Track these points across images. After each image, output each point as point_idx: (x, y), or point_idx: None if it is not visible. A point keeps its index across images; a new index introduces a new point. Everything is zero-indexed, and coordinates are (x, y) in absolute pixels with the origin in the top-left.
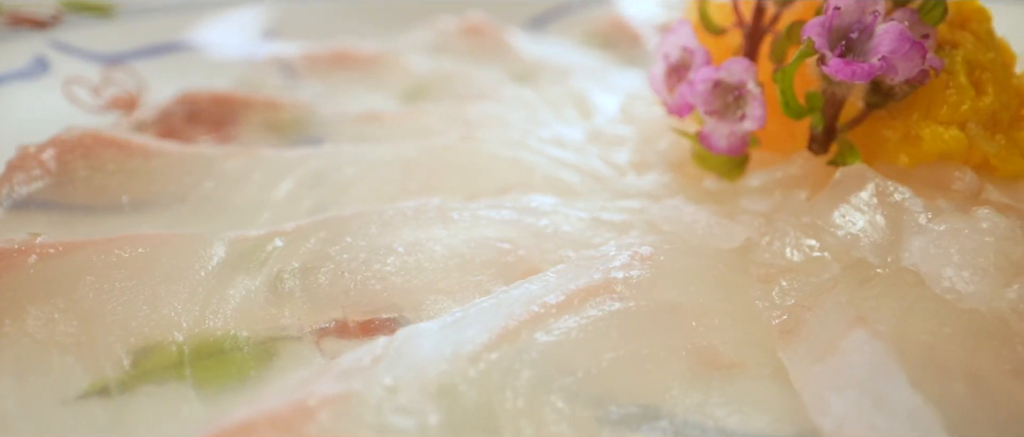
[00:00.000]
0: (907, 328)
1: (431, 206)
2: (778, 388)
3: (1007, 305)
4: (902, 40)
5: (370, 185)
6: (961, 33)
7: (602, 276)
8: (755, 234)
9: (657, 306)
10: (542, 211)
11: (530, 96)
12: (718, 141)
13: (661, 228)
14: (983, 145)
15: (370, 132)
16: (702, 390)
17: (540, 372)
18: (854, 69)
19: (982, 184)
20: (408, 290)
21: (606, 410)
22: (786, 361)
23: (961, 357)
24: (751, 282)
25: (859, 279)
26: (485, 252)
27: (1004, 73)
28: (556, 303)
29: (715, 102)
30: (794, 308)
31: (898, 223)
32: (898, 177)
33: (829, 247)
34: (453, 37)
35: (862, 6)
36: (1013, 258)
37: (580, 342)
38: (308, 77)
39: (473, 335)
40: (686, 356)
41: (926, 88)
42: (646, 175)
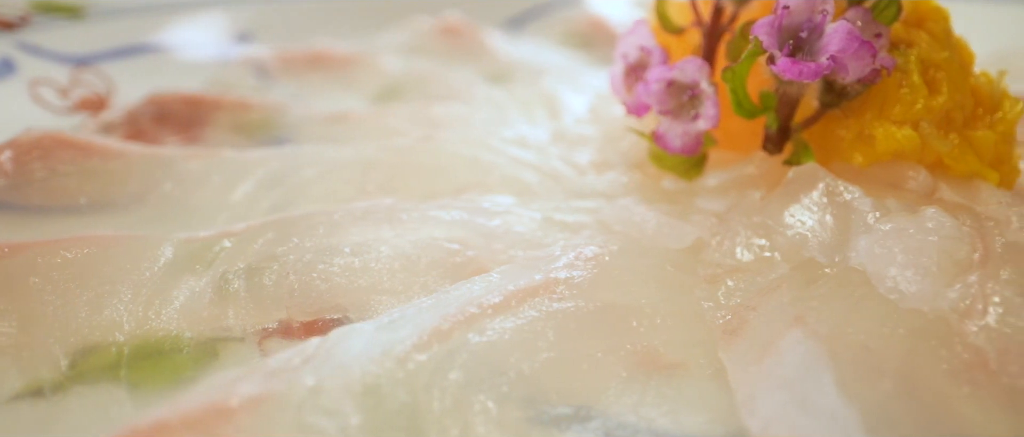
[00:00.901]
0: (846, 328)
1: (380, 207)
2: (717, 389)
3: (948, 305)
4: (851, 39)
5: (328, 186)
6: (917, 32)
7: (543, 277)
8: (706, 234)
9: (598, 307)
10: (494, 211)
11: (501, 96)
12: (673, 141)
13: (612, 228)
14: (936, 144)
15: (337, 133)
16: (639, 391)
17: (470, 373)
18: (801, 68)
19: (936, 183)
20: (353, 291)
21: (537, 411)
22: (726, 361)
23: (897, 357)
24: (697, 282)
25: (806, 279)
26: (433, 253)
27: (959, 72)
28: (492, 304)
29: (669, 102)
30: (739, 308)
31: (846, 223)
32: (853, 176)
33: (779, 247)
34: (429, 37)
35: (811, 5)
36: (957, 258)
37: (514, 343)
38: (282, 78)
39: (404, 335)
40: (625, 357)
41: (880, 87)
42: (606, 175)
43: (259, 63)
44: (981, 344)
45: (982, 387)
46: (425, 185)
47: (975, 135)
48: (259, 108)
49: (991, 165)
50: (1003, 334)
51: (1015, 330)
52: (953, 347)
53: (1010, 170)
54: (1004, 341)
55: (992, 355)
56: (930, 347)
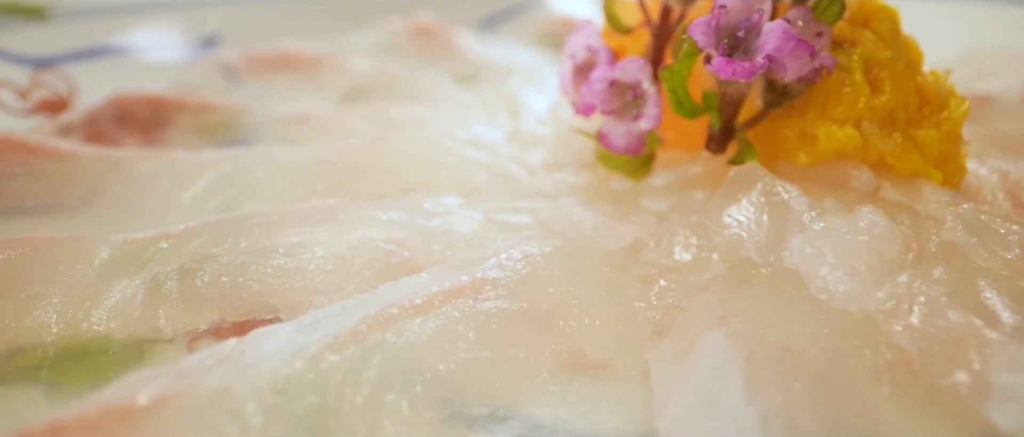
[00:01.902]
0: (769, 329)
1: (319, 208)
2: (640, 390)
3: (876, 305)
4: (787, 38)
5: (278, 187)
6: (862, 32)
7: (470, 277)
8: (645, 234)
9: (523, 307)
10: (436, 212)
11: (465, 97)
12: (616, 140)
13: (552, 229)
14: (879, 143)
15: (297, 134)
16: (560, 392)
17: (384, 373)
18: (735, 67)
19: (879, 182)
20: (286, 292)
21: (452, 411)
22: (651, 362)
23: (817, 358)
24: (631, 282)
25: (740, 279)
26: (369, 253)
27: (903, 72)
28: (413, 304)
29: (613, 101)
30: (669, 308)
31: (782, 223)
32: (798, 176)
33: (716, 247)
34: (401, 38)
35: (749, 5)
36: (887, 258)
37: (432, 343)
38: (249, 79)
39: (319, 336)
40: (549, 357)
41: (822, 86)
42: (555, 176)
43: (226, 64)
44: (905, 344)
45: (903, 388)
46: (374, 186)
47: (919, 134)
48: (222, 109)
49: (935, 164)
50: (927, 334)
51: (938, 330)
52: (878, 348)
53: (955, 169)
54: (928, 341)
55: (915, 356)
56: (853, 348)
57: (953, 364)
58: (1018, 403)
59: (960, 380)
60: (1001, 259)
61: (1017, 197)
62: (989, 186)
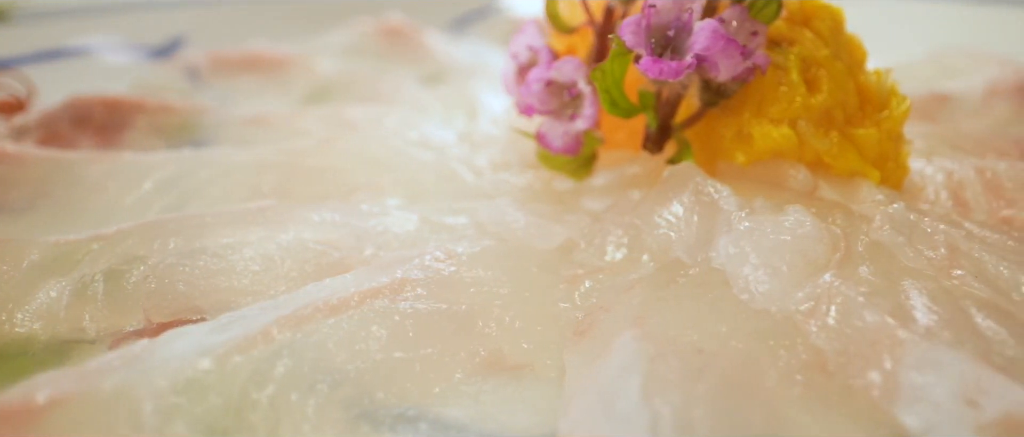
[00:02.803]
0: (684, 330)
1: (252, 209)
2: (557, 391)
3: (796, 305)
4: (716, 38)
5: (223, 189)
6: (801, 31)
7: (390, 278)
8: (578, 234)
9: (443, 308)
10: (373, 213)
11: (426, 98)
12: (554, 140)
13: (487, 229)
14: (814, 142)
15: (252, 135)
16: (474, 393)
17: (293, 373)
18: (662, 67)
19: (816, 181)
20: (213, 293)
21: (360, 412)
22: (568, 363)
23: (730, 359)
24: (557, 283)
25: (666, 279)
26: (301, 254)
27: (842, 71)
28: (328, 305)
29: (551, 102)
30: (593, 309)
31: (712, 223)
32: (736, 175)
33: (647, 247)
34: (371, 38)
35: (679, 4)
36: (811, 257)
37: (345, 343)
38: (213, 80)
39: (229, 336)
40: (466, 358)
41: (759, 86)
42: (500, 176)
43: (190, 66)
44: (821, 345)
45: (816, 389)
46: (319, 187)
47: (858, 133)
48: (180, 111)
49: (875, 163)
50: (843, 335)
51: (854, 330)
52: (794, 348)
53: (896, 168)
54: (843, 342)
55: (831, 356)
56: (769, 348)
57: (867, 365)
58: (926, 404)
59: (873, 381)
60: (926, 259)
61: (960, 196)
62: (933, 185)
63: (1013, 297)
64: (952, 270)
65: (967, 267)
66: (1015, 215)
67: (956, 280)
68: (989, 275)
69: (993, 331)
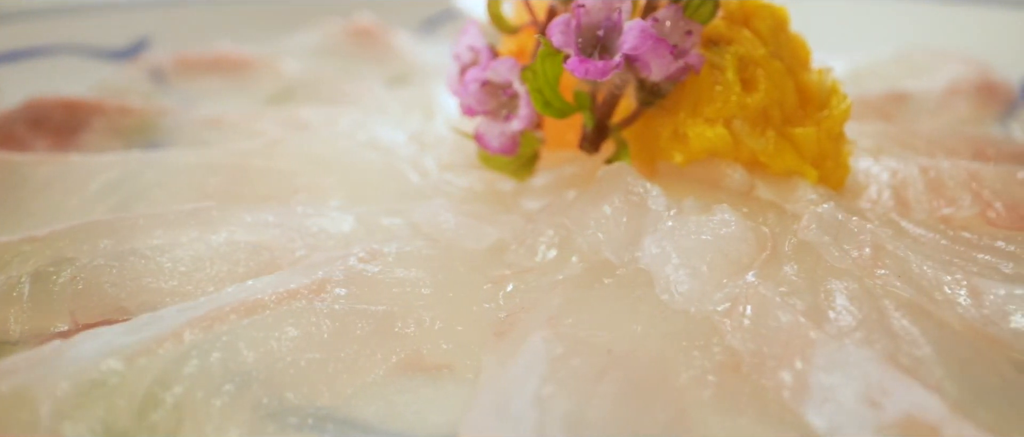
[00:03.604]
0: (600, 330)
1: (187, 210)
2: (472, 391)
3: (714, 306)
4: (644, 37)
5: (169, 191)
6: (739, 30)
7: (313, 278)
8: (510, 235)
9: (362, 309)
10: (309, 214)
11: (387, 98)
12: (492, 141)
13: (421, 230)
14: (750, 142)
15: (209, 136)
16: (388, 394)
17: (200, 374)
18: (588, 67)
19: (753, 181)
20: (140, 294)
21: (268, 412)
22: (484, 364)
23: (642, 360)
24: (483, 283)
25: (592, 280)
26: (233, 255)
27: (780, 70)
28: (245, 305)
29: (488, 102)
30: (516, 309)
31: (640, 223)
32: (675, 175)
33: (577, 248)
34: (339, 39)
35: (609, 4)
36: (732, 257)
37: (257, 344)
38: (178, 82)
39: (140, 338)
40: (383, 359)
41: (694, 85)
42: (444, 177)
43: (155, 67)
44: (736, 346)
45: (728, 390)
46: (264, 188)
47: (796, 132)
48: (139, 113)
49: (814, 162)
50: (758, 335)
51: (769, 331)
52: (710, 349)
53: (836, 167)
54: (758, 342)
55: (745, 357)
56: (682, 349)
57: (779, 365)
58: (833, 404)
59: (784, 381)
60: (851, 258)
61: (901, 195)
62: (877, 184)
63: (935, 296)
64: (876, 270)
65: (891, 267)
66: (954, 214)
67: (879, 280)
68: (912, 274)
69: (906, 331)
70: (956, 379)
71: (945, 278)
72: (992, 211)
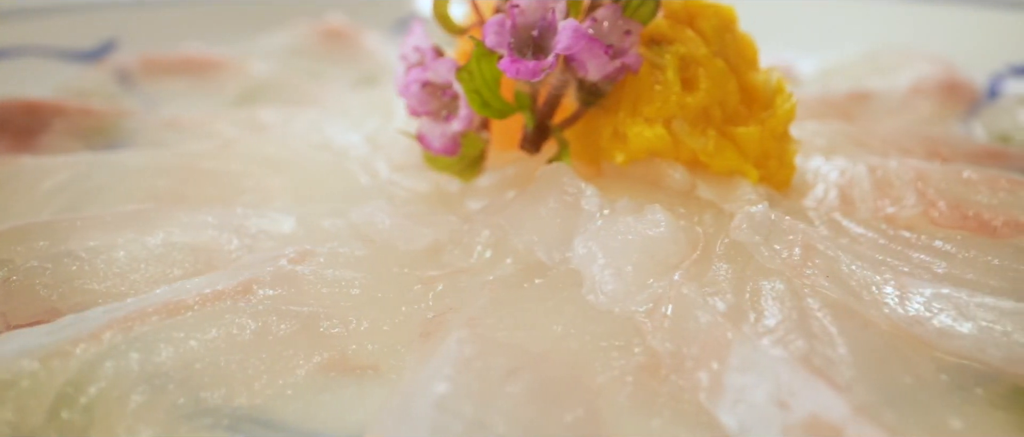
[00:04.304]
0: (520, 331)
1: (128, 211)
2: (391, 393)
3: (637, 306)
4: (577, 37)
5: (118, 192)
6: (682, 29)
7: (241, 279)
8: (447, 235)
9: (288, 310)
10: (250, 216)
11: (350, 99)
12: (433, 141)
13: (360, 231)
14: (690, 141)
15: (168, 138)
16: (308, 394)
17: (117, 374)
18: (519, 67)
19: (694, 181)
20: (73, 295)
21: (185, 413)
22: (408, 365)
23: (559, 361)
24: (414, 284)
25: (522, 280)
26: (169, 257)
27: (722, 69)
28: (166, 307)
29: (430, 102)
30: (444, 310)
31: (573, 223)
32: (618, 175)
33: (511, 248)
34: (310, 40)
35: (543, 4)
36: (659, 258)
37: (179, 345)
38: (144, 83)
39: (60, 338)
40: (307, 359)
41: (634, 85)
42: (393, 178)
43: (121, 69)
44: (656, 346)
45: (645, 391)
46: (213, 189)
47: (738, 131)
48: (100, 114)
49: (757, 162)
50: (678, 335)
51: (689, 331)
52: (630, 350)
53: (780, 167)
54: (677, 343)
55: (665, 358)
56: (602, 350)
57: (696, 366)
58: (745, 405)
59: (700, 382)
60: (781, 258)
61: (847, 194)
62: (825, 183)
63: (863, 296)
64: (805, 270)
65: (820, 267)
66: (897, 213)
67: (807, 280)
68: (841, 274)
69: (825, 332)
70: (869, 380)
71: (875, 278)
72: (935, 210)
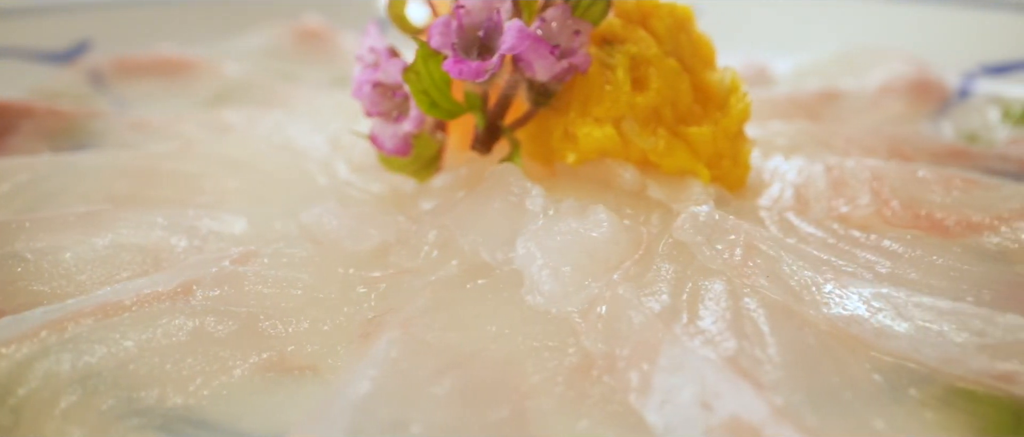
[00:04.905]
0: (453, 332)
1: (79, 213)
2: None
3: (574, 306)
4: (522, 37)
5: (77, 193)
6: (635, 29)
7: (178, 281)
8: (395, 236)
9: (228, 310)
10: (201, 217)
11: (320, 100)
12: (386, 142)
13: (309, 232)
14: (639, 141)
15: (134, 139)
16: (247, 395)
17: (50, 375)
18: (462, 68)
19: (645, 181)
20: (18, 295)
21: (118, 414)
22: (345, 365)
23: (491, 362)
24: (357, 285)
25: (464, 280)
26: (118, 257)
27: (674, 69)
28: (103, 307)
29: (382, 103)
30: (384, 311)
31: (518, 224)
32: (570, 175)
33: (457, 249)
34: (286, 41)
35: (489, 5)
36: (598, 258)
37: (115, 345)
38: (117, 84)
39: None
40: (244, 360)
41: (584, 85)
42: (351, 179)
43: (94, 70)
44: (590, 347)
45: (576, 392)
46: (171, 190)
47: (690, 131)
48: (68, 116)
49: (709, 162)
50: (611, 336)
51: (622, 332)
52: (564, 351)
53: (734, 166)
54: (610, 343)
55: (598, 358)
56: (534, 351)
57: (628, 366)
58: (672, 406)
59: (631, 383)
60: (723, 258)
61: (802, 194)
62: (782, 183)
63: (803, 296)
64: (745, 270)
65: (761, 267)
66: (851, 212)
67: (746, 280)
68: (782, 274)
69: (757, 332)
70: (795, 380)
71: (816, 278)
72: (888, 210)
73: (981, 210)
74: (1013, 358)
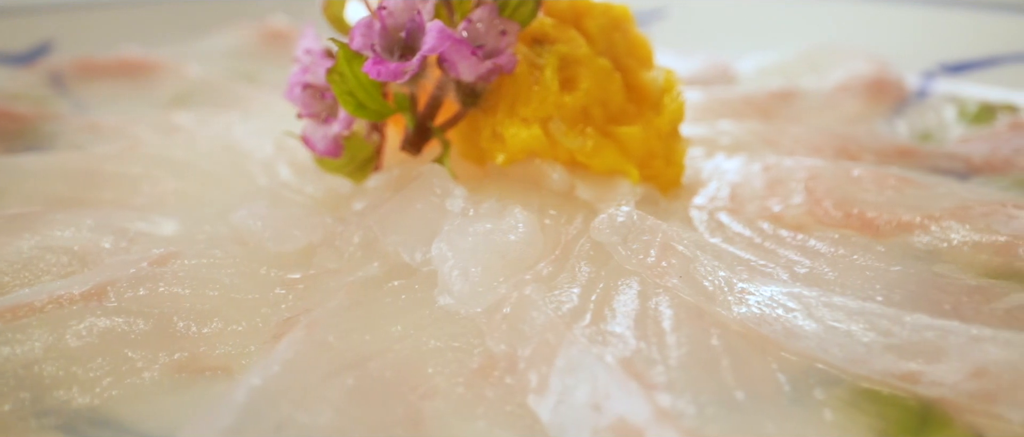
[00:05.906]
0: (358, 333)
1: (9, 215)
2: None
3: (482, 307)
4: (442, 38)
5: (16, 195)
6: (566, 29)
7: (98, 281)
8: (321, 237)
9: (142, 311)
10: (132, 219)
11: (278, 101)
12: (317, 143)
13: (237, 233)
14: (566, 142)
15: (86, 141)
16: (156, 395)
17: None
18: (380, 69)
19: (573, 181)
20: None
21: (25, 415)
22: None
23: (394, 363)
24: (276, 286)
25: (381, 280)
26: (42, 260)
27: (604, 69)
28: (13, 309)
29: (313, 105)
30: (299, 311)
31: (437, 225)
32: (500, 176)
33: (379, 249)
34: (252, 42)
35: (411, 5)
36: (511, 259)
37: (23, 347)
38: (77, 86)
39: None
40: (155, 361)
41: (513, 85)
42: (291, 180)
43: (54, 71)
44: (494, 348)
45: (476, 393)
46: (113, 192)
47: (620, 131)
48: (22, 117)
49: (641, 162)
50: (514, 337)
51: (524, 333)
52: (469, 351)
53: (668, 166)
54: (513, 344)
55: (500, 360)
56: (438, 351)
57: (528, 367)
58: (566, 406)
59: (530, 383)
60: (637, 259)
61: (737, 193)
62: (718, 182)
63: (717, 297)
64: (659, 270)
65: (675, 267)
66: (784, 211)
67: (660, 280)
68: (696, 275)
69: (658, 333)
70: (689, 382)
71: (730, 278)
72: (820, 209)
73: (912, 209)
74: (918, 357)
